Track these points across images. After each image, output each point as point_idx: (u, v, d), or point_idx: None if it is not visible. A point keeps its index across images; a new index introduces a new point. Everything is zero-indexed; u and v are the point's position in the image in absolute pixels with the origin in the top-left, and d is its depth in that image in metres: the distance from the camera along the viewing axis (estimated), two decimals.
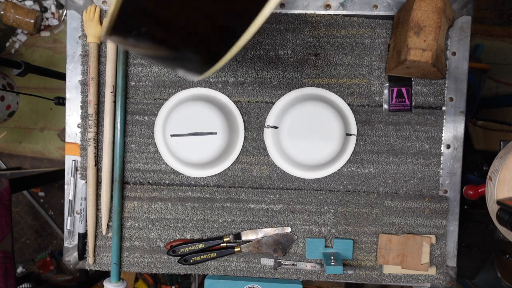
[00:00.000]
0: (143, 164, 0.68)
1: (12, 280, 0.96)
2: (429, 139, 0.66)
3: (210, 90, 0.66)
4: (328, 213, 0.67)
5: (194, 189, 0.67)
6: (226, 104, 0.66)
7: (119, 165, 0.66)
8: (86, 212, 0.68)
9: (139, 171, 0.68)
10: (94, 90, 0.66)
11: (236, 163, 0.67)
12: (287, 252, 0.67)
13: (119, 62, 0.65)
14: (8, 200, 0.98)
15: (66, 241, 0.69)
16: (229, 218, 0.68)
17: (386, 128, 0.66)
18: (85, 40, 0.67)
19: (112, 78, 0.65)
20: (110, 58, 0.65)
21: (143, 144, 0.68)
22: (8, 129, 1.65)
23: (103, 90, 0.66)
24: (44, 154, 1.65)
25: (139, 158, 0.68)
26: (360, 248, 0.67)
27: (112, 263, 0.67)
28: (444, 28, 0.57)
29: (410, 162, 0.66)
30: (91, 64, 0.65)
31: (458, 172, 0.66)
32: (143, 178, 0.68)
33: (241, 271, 0.68)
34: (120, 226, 0.67)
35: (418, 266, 0.65)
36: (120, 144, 0.66)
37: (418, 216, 0.66)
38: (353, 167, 0.67)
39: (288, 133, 0.62)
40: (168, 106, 0.66)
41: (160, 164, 0.68)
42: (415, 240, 0.65)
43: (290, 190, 0.67)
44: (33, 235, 1.72)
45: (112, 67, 0.65)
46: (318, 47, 0.65)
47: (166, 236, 0.68)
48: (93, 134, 0.66)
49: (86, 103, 0.67)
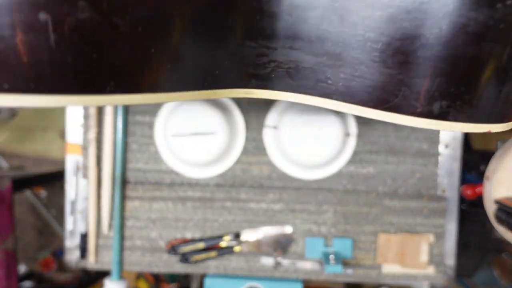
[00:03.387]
0: (144, 164, 0.68)
1: (15, 279, 0.97)
2: (428, 139, 0.66)
3: None
4: (328, 212, 0.67)
5: (195, 189, 0.68)
6: (226, 104, 0.67)
7: (120, 165, 0.67)
8: (87, 212, 0.68)
9: (140, 170, 0.68)
10: None
11: (236, 163, 0.68)
12: (287, 251, 0.68)
13: None
14: (10, 199, 0.99)
15: (68, 240, 0.70)
16: (229, 218, 0.68)
17: (385, 128, 0.66)
18: None
19: None
20: None
21: (144, 144, 0.68)
22: (10, 130, 1.66)
23: None
24: (46, 154, 1.66)
25: (140, 158, 0.68)
26: (359, 247, 0.67)
27: (113, 262, 0.67)
28: None
29: (409, 162, 0.66)
30: None
31: (456, 172, 0.66)
32: (144, 177, 0.69)
33: (241, 270, 0.68)
34: (121, 226, 0.68)
35: (417, 265, 0.65)
36: (121, 144, 0.67)
37: (417, 216, 0.67)
38: (353, 167, 0.67)
39: (288, 133, 0.63)
40: (169, 106, 0.67)
41: (161, 164, 0.68)
42: (414, 239, 0.65)
43: (290, 190, 0.67)
44: (35, 234, 1.73)
45: None
46: None
47: (167, 235, 0.69)
48: (94, 134, 0.67)
49: None
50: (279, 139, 0.64)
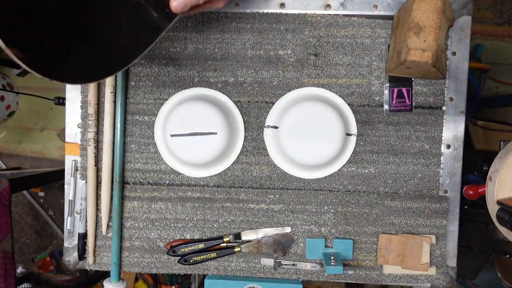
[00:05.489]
0: (143, 164, 0.68)
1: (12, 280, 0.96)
2: (429, 139, 0.66)
3: (210, 90, 0.66)
4: (328, 213, 0.67)
5: (194, 189, 0.67)
6: (226, 104, 0.66)
7: (119, 165, 0.66)
8: (86, 212, 0.67)
9: (139, 171, 0.68)
10: (94, 90, 0.66)
11: (236, 163, 0.67)
12: (287, 252, 0.67)
13: None
14: (8, 200, 0.98)
15: (66, 241, 0.69)
16: (229, 218, 0.68)
17: (386, 128, 0.66)
18: None
19: (112, 78, 0.65)
20: None
21: (143, 144, 0.68)
22: (8, 129, 1.65)
23: (103, 90, 0.66)
24: (44, 154, 1.65)
25: (139, 158, 0.68)
26: (360, 248, 0.67)
27: (112, 263, 0.67)
28: (444, 28, 0.57)
29: (410, 162, 0.66)
30: None
31: (458, 172, 0.66)
32: (143, 178, 0.68)
33: (241, 271, 0.68)
34: (120, 226, 0.67)
35: (418, 266, 0.65)
36: (120, 144, 0.66)
37: (418, 216, 0.66)
38: (353, 167, 0.67)
39: (288, 133, 0.62)
40: (168, 106, 0.66)
41: (160, 164, 0.68)
42: (415, 240, 0.65)
43: (290, 190, 0.67)
44: (33, 235, 1.72)
45: None
46: (318, 47, 0.65)
47: (166, 236, 0.68)
48: (93, 134, 0.66)
49: (86, 103, 0.67)
50: (279, 139, 0.64)
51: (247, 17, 0.65)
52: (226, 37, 0.66)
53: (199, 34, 0.66)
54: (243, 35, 0.66)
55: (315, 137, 0.62)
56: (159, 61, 0.67)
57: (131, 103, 0.67)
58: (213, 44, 0.66)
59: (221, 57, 0.66)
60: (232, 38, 0.66)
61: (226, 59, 0.66)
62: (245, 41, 0.66)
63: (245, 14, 0.65)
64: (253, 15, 0.65)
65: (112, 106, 0.66)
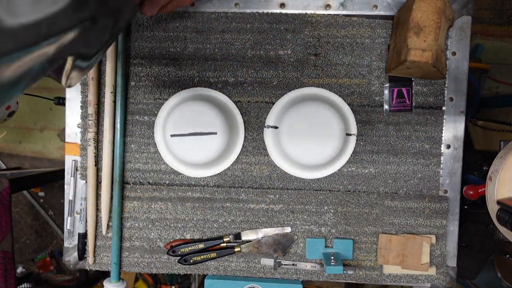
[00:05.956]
0: (143, 164, 0.68)
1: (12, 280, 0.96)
2: (429, 139, 0.66)
3: (210, 90, 0.66)
4: (328, 213, 0.67)
5: (194, 189, 0.67)
6: (226, 104, 0.66)
7: (119, 165, 0.66)
8: (86, 212, 0.67)
9: (139, 171, 0.68)
10: (94, 90, 0.66)
11: (236, 163, 0.67)
12: (287, 252, 0.67)
13: (119, 61, 0.65)
14: (8, 200, 0.98)
15: (66, 241, 0.69)
16: (229, 218, 0.68)
17: (386, 128, 0.66)
18: None
19: (112, 78, 0.65)
20: (110, 57, 0.65)
21: (143, 144, 0.68)
22: (8, 129, 1.65)
23: (103, 90, 0.66)
24: (44, 154, 1.65)
25: (139, 158, 0.68)
26: (360, 248, 0.67)
27: (112, 263, 0.67)
28: (444, 28, 0.57)
29: (410, 162, 0.66)
30: None
31: (458, 172, 0.66)
32: (143, 178, 0.68)
33: (241, 271, 0.68)
34: (120, 226, 0.67)
35: (418, 266, 0.65)
36: (120, 144, 0.66)
37: (418, 216, 0.66)
38: (353, 167, 0.67)
39: (288, 133, 0.62)
40: (168, 106, 0.66)
41: (160, 164, 0.68)
42: (415, 240, 0.64)
43: (290, 190, 0.67)
44: (33, 235, 1.72)
45: (112, 66, 0.65)
46: (318, 47, 0.65)
47: (166, 236, 0.68)
48: (93, 134, 0.66)
49: (86, 103, 0.67)
50: (279, 139, 0.64)
51: (247, 17, 0.65)
52: (226, 37, 0.66)
53: (199, 34, 0.66)
54: (243, 35, 0.66)
55: (315, 137, 0.62)
56: (159, 61, 0.67)
57: (131, 103, 0.67)
58: (213, 44, 0.66)
59: (221, 57, 0.66)
60: (232, 38, 0.66)
61: (226, 59, 0.66)
62: (245, 41, 0.66)
63: (245, 14, 0.65)
64: (253, 15, 0.65)
65: (112, 106, 0.66)
